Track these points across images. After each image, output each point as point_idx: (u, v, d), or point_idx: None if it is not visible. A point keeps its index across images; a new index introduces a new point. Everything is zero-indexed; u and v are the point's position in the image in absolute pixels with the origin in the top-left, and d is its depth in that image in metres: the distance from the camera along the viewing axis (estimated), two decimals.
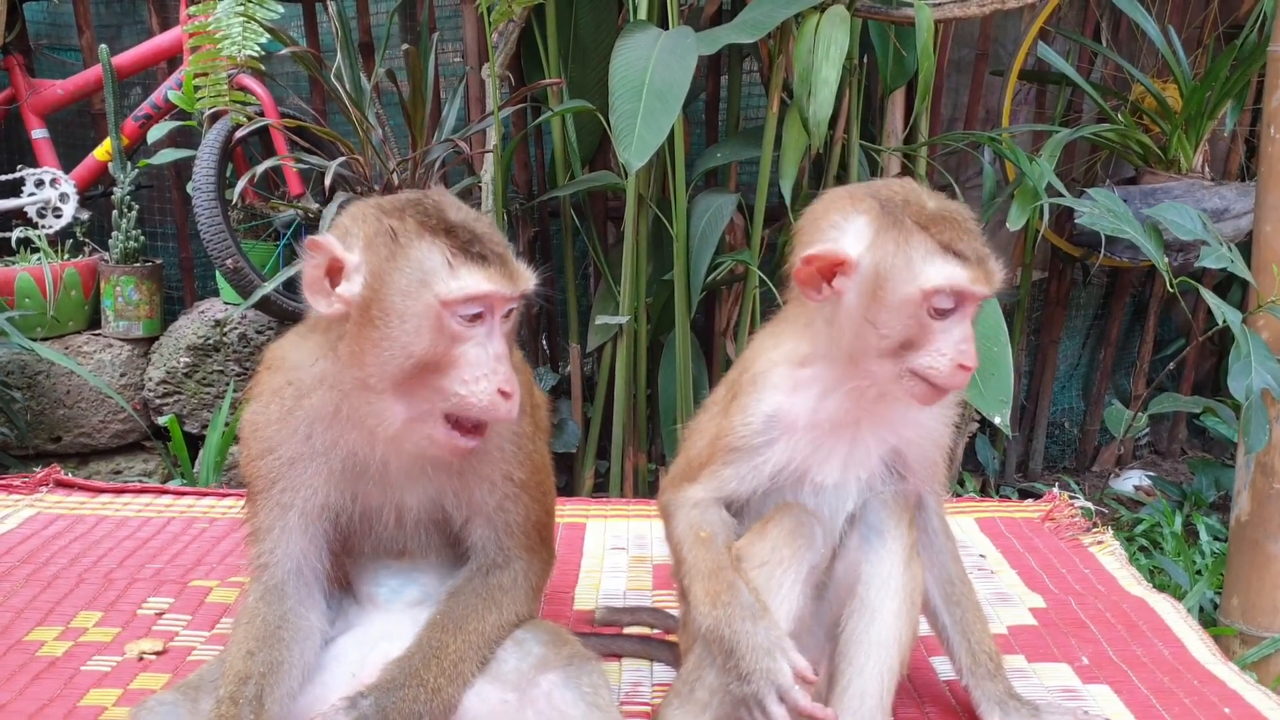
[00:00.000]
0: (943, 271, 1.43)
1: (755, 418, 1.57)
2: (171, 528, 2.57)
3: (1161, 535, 3.97)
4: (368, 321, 1.47)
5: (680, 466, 1.71)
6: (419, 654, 1.55)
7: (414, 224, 1.49)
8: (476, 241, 1.49)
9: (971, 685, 1.67)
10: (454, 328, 1.47)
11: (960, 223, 1.48)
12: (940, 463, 1.69)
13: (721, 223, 3.63)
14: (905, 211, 1.46)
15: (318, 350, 1.59)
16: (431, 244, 1.48)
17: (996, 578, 2.30)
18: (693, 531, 1.59)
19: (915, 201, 1.48)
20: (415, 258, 1.47)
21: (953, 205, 1.51)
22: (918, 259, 1.43)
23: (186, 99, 4.02)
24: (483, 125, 3.69)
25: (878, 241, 1.46)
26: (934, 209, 1.48)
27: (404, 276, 1.46)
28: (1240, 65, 3.95)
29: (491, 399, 1.47)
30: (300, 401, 1.59)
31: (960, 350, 1.45)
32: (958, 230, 1.45)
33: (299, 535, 1.62)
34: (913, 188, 1.52)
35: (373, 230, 1.50)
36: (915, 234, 1.44)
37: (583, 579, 2.31)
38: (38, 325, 4.14)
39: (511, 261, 1.52)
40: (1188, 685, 1.81)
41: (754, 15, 3.27)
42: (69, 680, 1.83)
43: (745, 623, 1.47)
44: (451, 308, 1.46)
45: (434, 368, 1.47)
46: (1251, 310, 3.05)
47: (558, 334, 4.31)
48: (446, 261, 1.47)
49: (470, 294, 1.46)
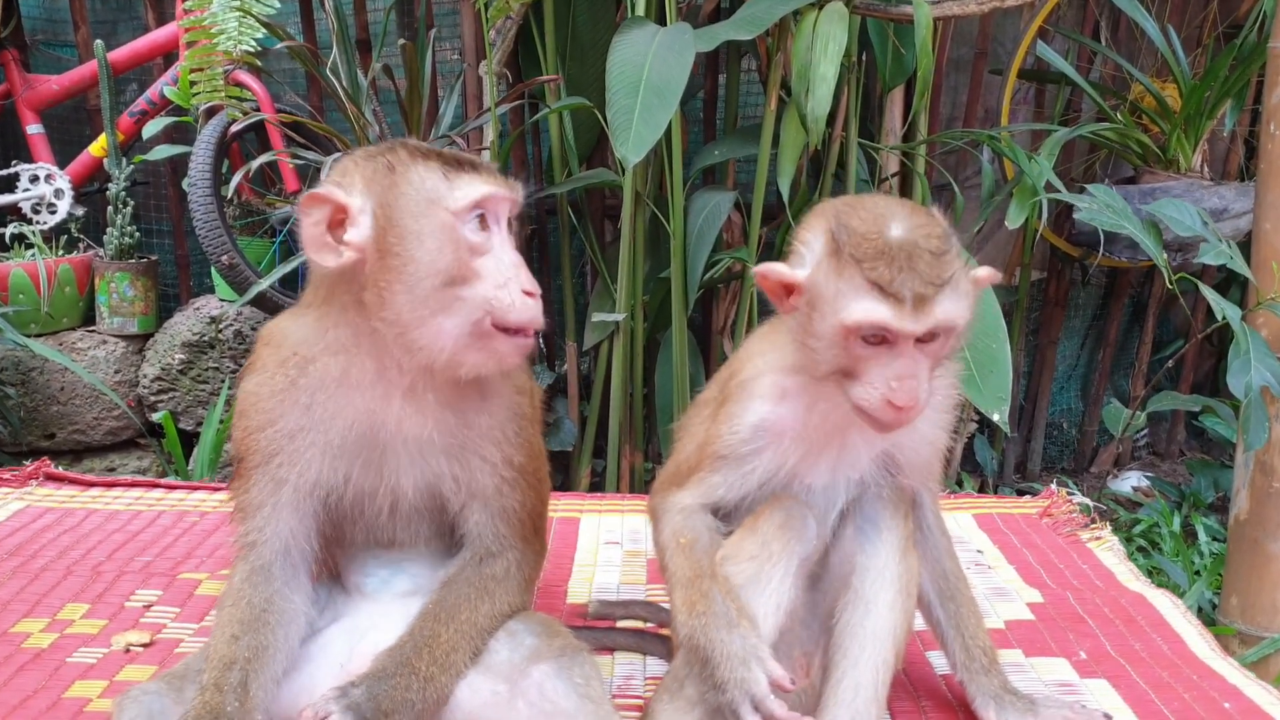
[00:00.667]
0: (863, 308, 1.38)
1: (743, 427, 1.55)
2: (162, 521, 2.55)
3: (1160, 536, 3.95)
4: (386, 253, 1.50)
5: (669, 470, 1.69)
6: (411, 643, 1.53)
7: (405, 154, 1.56)
8: (465, 158, 1.58)
9: (966, 680, 1.65)
10: (469, 238, 1.52)
11: (910, 256, 1.38)
12: (935, 462, 1.67)
13: (719, 220, 3.62)
14: (851, 241, 1.41)
15: (326, 322, 1.58)
16: (426, 165, 1.54)
17: (994, 573, 2.28)
18: (675, 538, 1.58)
19: (872, 231, 1.41)
20: (416, 180, 1.52)
21: (917, 235, 1.40)
22: (845, 292, 1.40)
23: (182, 94, 4.00)
24: (479, 122, 3.68)
25: (819, 269, 1.44)
26: (886, 240, 1.39)
27: (411, 200, 1.51)
28: (1240, 65, 3.94)
29: (522, 300, 1.52)
30: (305, 371, 1.58)
31: (891, 387, 1.40)
32: (898, 266, 1.38)
33: (290, 513, 1.60)
34: (885, 212, 1.43)
35: (369, 170, 1.55)
36: (849, 267, 1.40)
37: (576, 573, 2.29)
38: (32, 321, 4.13)
39: (498, 171, 1.60)
40: (1186, 680, 1.79)
41: (752, 11, 3.26)
42: (54, 672, 1.81)
43: (720, 631, 1.46)
44: (461, 216, 1.51)
45: (461, 281, 1.50)
46: (1251, 308, 3.03)
47: (554, 332, 4.29)
48: (444, 176, 1.53)
49: (474, 199, 1.52)
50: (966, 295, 1.44)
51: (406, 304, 1.49)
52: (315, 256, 1.53)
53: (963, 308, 1.42)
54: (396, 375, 1.56)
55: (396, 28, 4.22)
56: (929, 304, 1.38)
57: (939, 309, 1.39)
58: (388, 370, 1.56)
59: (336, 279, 1.55)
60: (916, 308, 1.38)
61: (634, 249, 3.52)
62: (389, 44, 4.06)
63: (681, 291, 3.52)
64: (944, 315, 1.39)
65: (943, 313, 1.39)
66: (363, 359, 1.56)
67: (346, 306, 1.55)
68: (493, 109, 3.47)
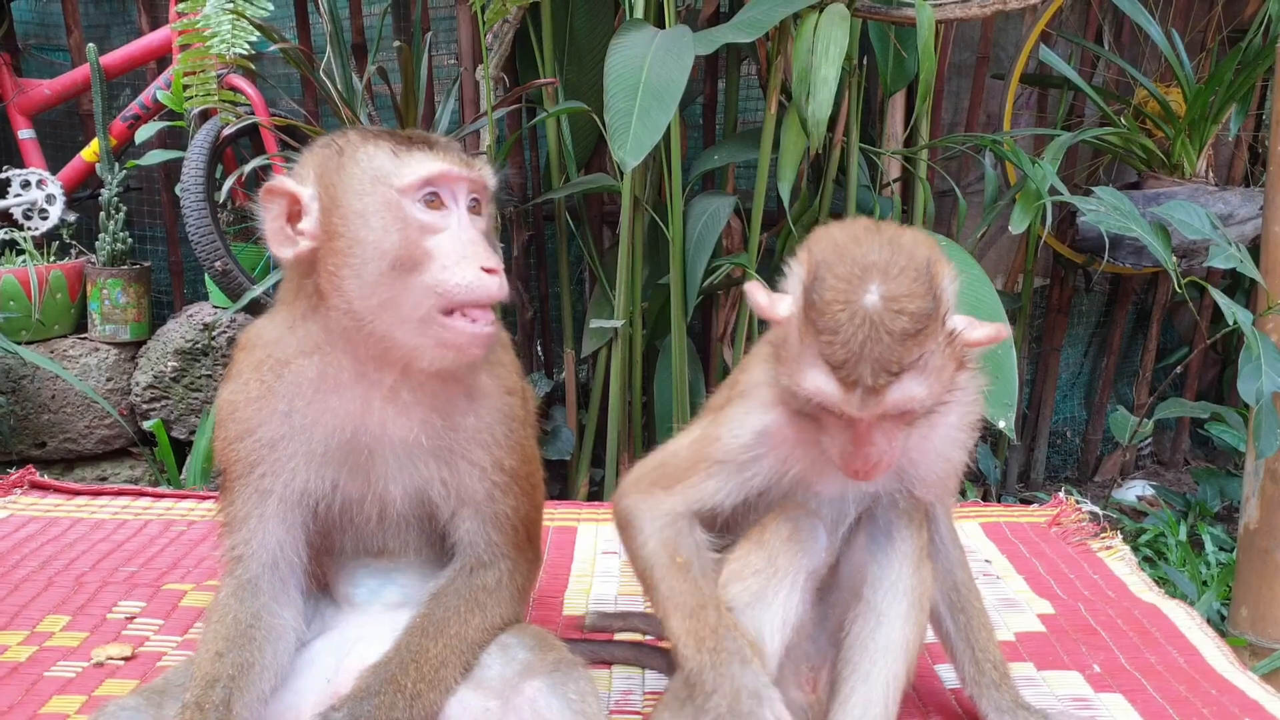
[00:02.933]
0: (814, 384, 1.32)
1: (744, 432, 1.49)
2: (149, 530, 2.49)
3: (1166, 546, 3.89)
4: (334, 236, 1.45)
5: (651, 468, 1.59)
6: (396, 659, 1.47)
7: (356, 136, 1.51)
8: (419, 136, 1.50)
9: (977, 694, 1.60)
10: (418, 217, 1.45)
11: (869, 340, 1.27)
12: (951, 479, 1.60)
13: (718, 226, 3.56)
14: (820, 303, 1.30)
15: (296, 320, 1.53)
16: (375, 144, 1.48)
17: (1002, 583, 2.22)
18: (667, 553, 1.49)
19: (840, 299, 1.29)
20: (363, 159, 1.47)
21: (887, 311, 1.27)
22: (804, 359, 1.33)
23: (175, 98, 3.95)
24: (476, 126, 3.63)
25: (792, 317, 1.36)
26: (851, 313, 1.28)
27: (356, 179, 1.46)
28: (1244, 69, 3.90)
29: (476, 277, 1.43)
30: (281, 375, 1.52)
31: (847, 451, 1.35)
32: (852, 349, 1.27)
33: (276, 525, 1.54)
34: (867, 272, 1.29)
35: (319, 156, 1.51)
36: (810, 334, 1.31)
37: (573, 583, 2.23)
38: (23, 328, 4.07)
39: (462, 150, 1.52)
40: (1205, 694, 1.72)
41: (752, 14, 3.21)
42: (31, 686, 1.75)
43: (733, 668, 1.40)
44: (408, 194, 1.45)
45: (412, 266, 1.43)
46: (1261, 312, 2.98)
47: (552, 340, 4.24)
48: (392, 153, 1.47)
49: (422, 175, 1.45)
50: (939, 372, 1.32)
51: (356, 290, 1.44)
52: (276, 250, 1.49)
53: (929, 388, 1.31)
54: (375, 374, 1.51)
55: (392, 31, 4.17)
56: (881, 392, 1.29)
57: (892, 396, 1.29)
58: (366, 369, 1.50)
59: (301, 273, 1.51)
60: (867, 396, 1.29)
61: (633, 255, 3.47)
62: (384, 48, 4.01)
63: (681, 298, 3.47)
64: (898, 401, 1.30)
65: (898, 398, 1.29)
66: (338, 358, 1.51)
67: (314, 302, 1.50)
68: (489, 113, 3.42)
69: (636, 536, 1.54)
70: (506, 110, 3.63)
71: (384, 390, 1.51)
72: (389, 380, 1.51)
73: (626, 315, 3.49)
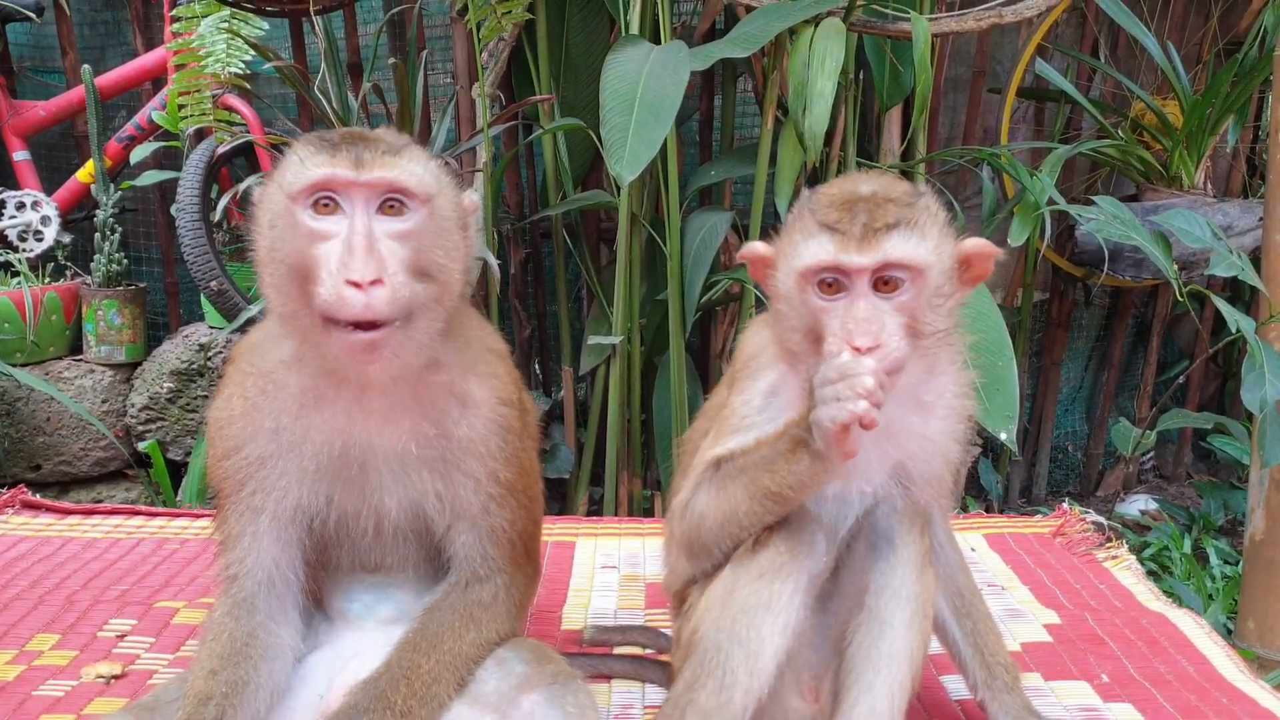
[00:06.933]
0: (811, 249, 1.36)
1: (755, 394, 1.49)
2: (141, 549, 2.46)
3: (1170, 559, 3.86)
4: (255, 243, 1.46)
5: (680, 478, 1.60)
6: (387, 675, 1.44)
7: (301, 140, 1.47)
8: (335, 136, 1.44)
9: (988, 700, 1.56)
10: (307, 224, 1.40)
11: (865, 201, 1.36)
12: (947, 475, 1.59)
13: (716, 242, 3.55)
14: (814, 200, 1.41)
15: (276, 331, 1.51)
16: (302, 148, 1.45)
17: (1008, 594, 2.19)
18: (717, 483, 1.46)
19: (835, 190, 1.41)
20: (283, 165, 1.45)
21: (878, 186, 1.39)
22: (799, 241, 1.39)
23: (171, 118, 3.96)
24: (472, 143, 3.62)
25: (785, 234, 1.44)
26: (844, 192, 1.39)
27: (270, 186, 1.45)
28: (1241, 81, 3.90)
29: (336, 292, 1.34)
30: (265, 389, 1.50)
31: (849, 330, 1.33)
32: (848, 208, 1.36)
33: (271, 542, 1.51)
34: (858, 178, 1.43)
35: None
36: (806, 219, 1.39)
37: (571, 598, 2.20)
38: (17, 350, 4.05)
39: (368, 148, 1.41)
40: (1216, 704, 1.69)
41: (748, 29, 3.22)
42: (20, 705, 1.71)
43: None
44: (298, 200, 1.40)
45: (306, 273, 1.39)
46: (1263, 321, 2.96)
47: (550, 358, 4.22)
48: (302, 160, 1.43)
49: (308, 181, 1.40)
50: (931, 241, 1.37)
51: (274, 297, 1.45)
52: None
53: (923, 250, 1.36)
54: (343, 382, 1.48)
55: (388, 49, 4.17)
56: (877, 238, 1.34)
57: (889, 244, 1.34)
58: (348, 379, 1.47)
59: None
60: (863, 240, 1.34)
61: (630, 271, 3.46)
62: (380, 66, 4.01)
63: (679, 314, 3.45)
64: (896, 252, 1.34)
65: (894, 249, 1.34)
66: (314, 368, 1.48)
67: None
68: (485, 130, 3.41)
69: (688, 517, 1.50)
70: (503, 127, 3.62)
71: (360, 399, 1.48)
72: (355, 388, 1.48)
73: (625, 332, 3.47)
